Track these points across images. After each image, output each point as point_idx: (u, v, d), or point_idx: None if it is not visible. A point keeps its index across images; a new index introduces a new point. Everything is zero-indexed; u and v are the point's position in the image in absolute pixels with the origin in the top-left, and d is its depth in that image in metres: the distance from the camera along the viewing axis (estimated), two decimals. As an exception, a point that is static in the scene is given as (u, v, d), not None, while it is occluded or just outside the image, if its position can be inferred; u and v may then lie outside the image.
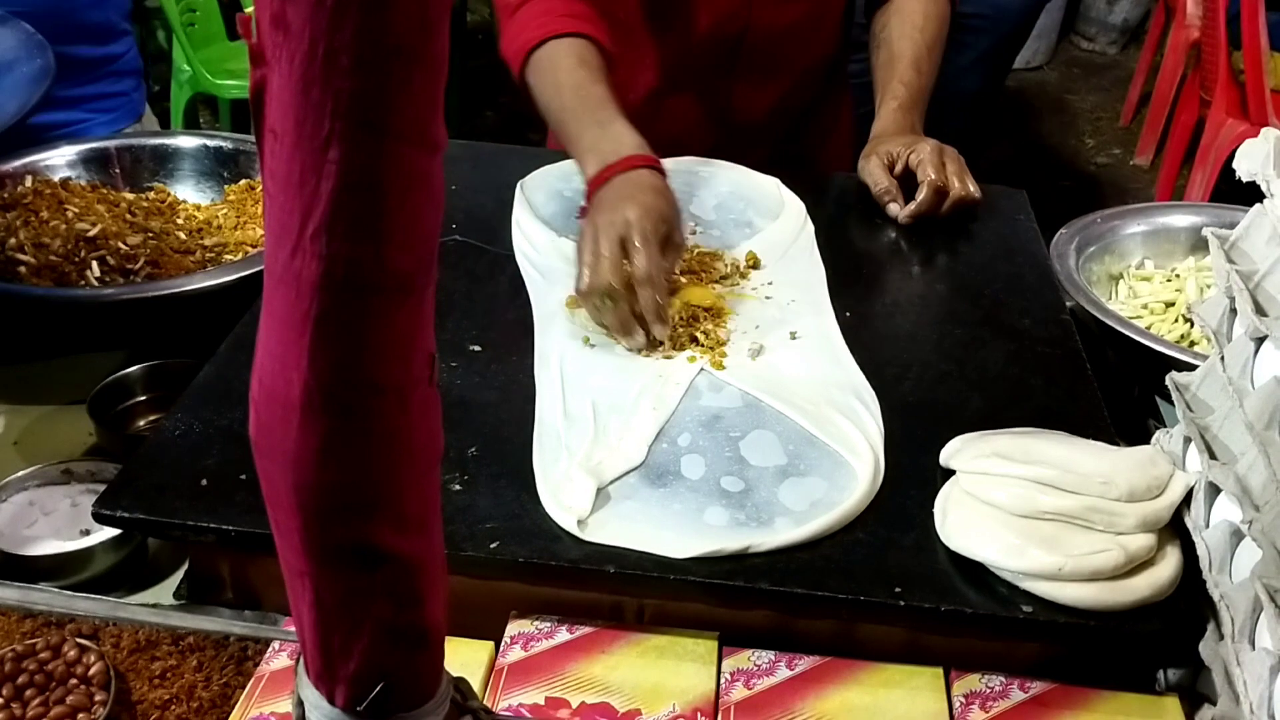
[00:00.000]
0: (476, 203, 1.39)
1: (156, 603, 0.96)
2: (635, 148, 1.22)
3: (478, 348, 1.12)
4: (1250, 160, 0.83)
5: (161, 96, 3.77)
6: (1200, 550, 0.86)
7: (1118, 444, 1.00)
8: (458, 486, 0.94)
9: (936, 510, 0.93)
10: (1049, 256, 1.31)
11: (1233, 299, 0.86)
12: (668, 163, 1.46)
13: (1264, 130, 0.83)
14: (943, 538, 0.91)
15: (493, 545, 0.89)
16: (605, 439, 1.00)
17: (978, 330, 1.19)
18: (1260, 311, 0.80)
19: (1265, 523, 0.77)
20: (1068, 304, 1.26)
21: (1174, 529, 0.90)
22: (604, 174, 1.18)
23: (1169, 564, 0.88)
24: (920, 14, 1.49)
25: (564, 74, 1.30)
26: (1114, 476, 0.88)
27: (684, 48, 1.49)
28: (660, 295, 1.10)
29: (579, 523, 0.90)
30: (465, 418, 1.02)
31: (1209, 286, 1.30)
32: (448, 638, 0.90)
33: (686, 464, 0.98)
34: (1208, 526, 0.87)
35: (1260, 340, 0.81)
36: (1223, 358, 0.85)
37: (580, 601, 0.91)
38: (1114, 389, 1.18)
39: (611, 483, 0.95)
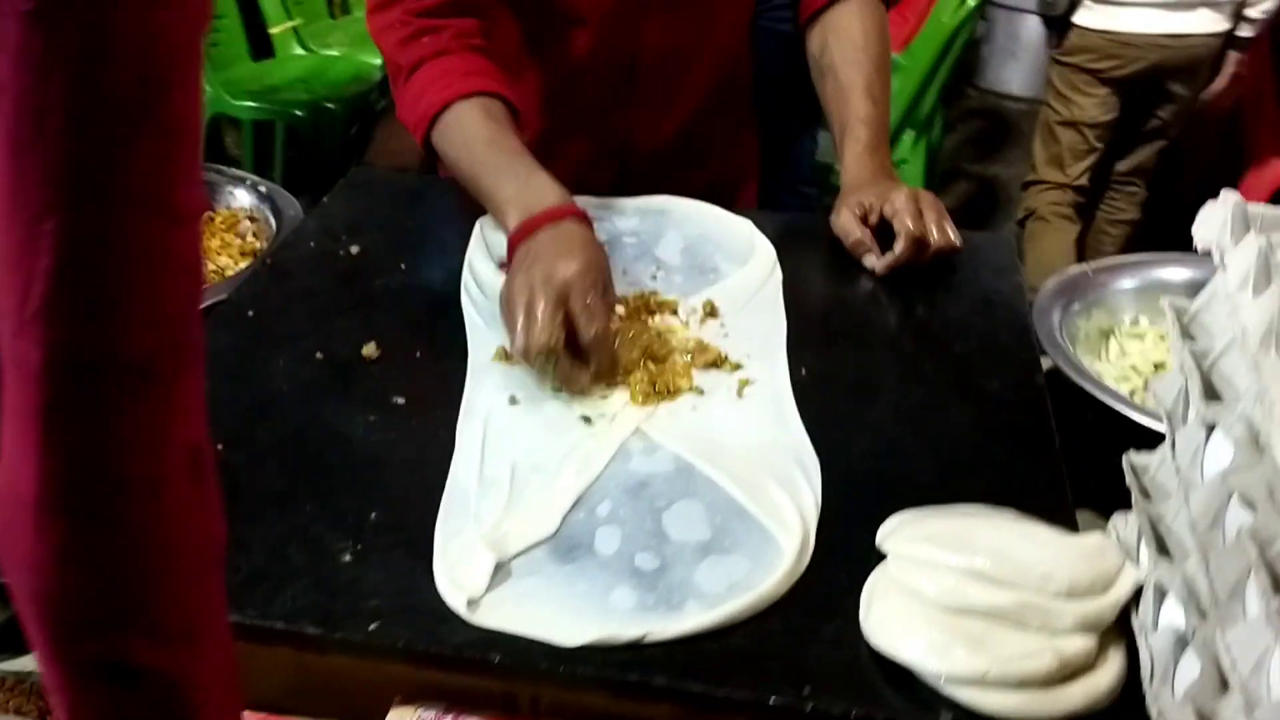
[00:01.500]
0: (431, 240, 1.33)
1: None
2: (560, 199, 1.15)
3: (401, 399, 1.06)
4: (1207, 228, 0.74)
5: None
6: (1143, 657, 0.78)
7: (1076, 525, 0.93)
8: (348, 557, 0.88)
9: (863, 598, 0.85)
10: (1029, 312, 1.23)
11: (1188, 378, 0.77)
12: (650, 199, 1.41)
13: (1223, 194, 0.75)
14: (865, 631, 0.83)
15: (372, 627, 0.82)
16: (519, 506, 0.94)
17: (941, 392, 1.10)
18: (1213, 395, 0.72)
19: (1206, 635, 0.68)
20: (1047, 365, 1.17)
21: (1120, 631, 0.82)
22: (529, 225, 1.12)
23: (1109, 671, 0.79)
24: (859, 30, 1.42)
25: (473, 129, 1.24)
26: (1054, 569, 0.80)
27: (574, 81, 1.42)
28: (611, 356, 1.04)
29: (469, 603, 0.84)
30: (372, 479, 0.96)
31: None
32: (323, 723, 0.85)
33: (602, 537, 0.91)
34: (1155, 630, 0.79)
35: (1211, 428, 0.73)
36: (1174, 444, 0.76)
37: (471, 689, 0.84)
38: (1093, 458, 1.09)
39: (516, 557, 0.89)
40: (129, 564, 0.49)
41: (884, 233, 1.30)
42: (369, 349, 1.11)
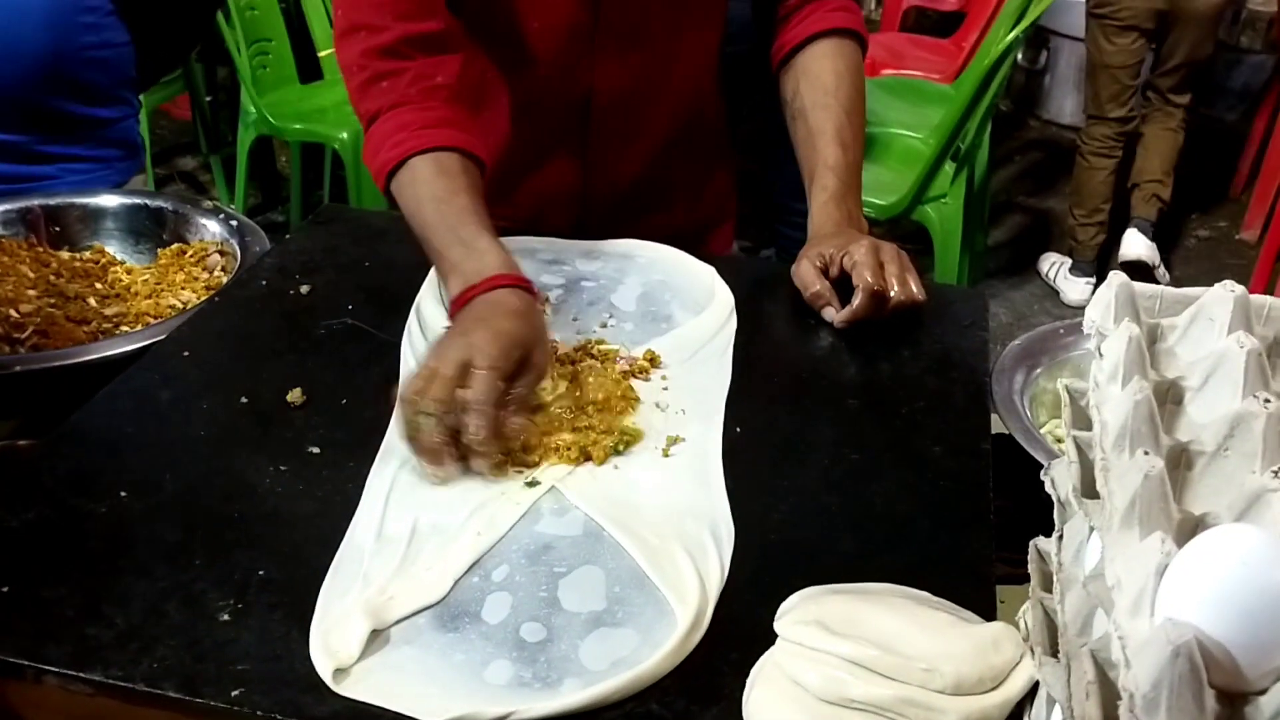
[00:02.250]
0: (385, 282, 1.31)
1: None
2: (499, 267, 1.12)
3: (316, 449, 1.04)
4: (1095, 309, 0.69)
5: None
6: (1029, 763, 0.72)
7: (994, 605, 0.88)
8: (226, 617, 0.86)
9: (748, 683, 0.81)
10: (989, 372, 1.18)
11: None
12: (616, 243, 1.39)
13: (1112, 274, 0.70)
14: (745, 718, 0.79)
15: (235, 693, 0.80)
16: (411, 568, 0.91)
17: (878, 456, 1.06)
18: (1090, 492, 0.67)
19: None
20: (1002, 429, 1.12)
21: (1014, 729, 0.77)
22: (465, 294, 1.10)
23: (995, 775, 0.74)
24: (830, 73, 1.37)
25: (425, 188, 1.20)
26: (940, 663, 0.75)
27: (531, 117, 1.40)
28: (487, 427, 0.99)
29: (336, 672, 0.81)
30: (268, 533, 0.94)
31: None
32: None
33: (490, 604, 0.88)
34: (1046, 732, 0.74)
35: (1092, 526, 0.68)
36: (1061, 536, 0.71)
37: (341, 758, 0.81)
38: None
39: (397, 623, 0.86)
40: None
41: (848, 285, 1.26)
42: (294, 395, 1.09)
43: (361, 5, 1.28)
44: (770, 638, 0.83)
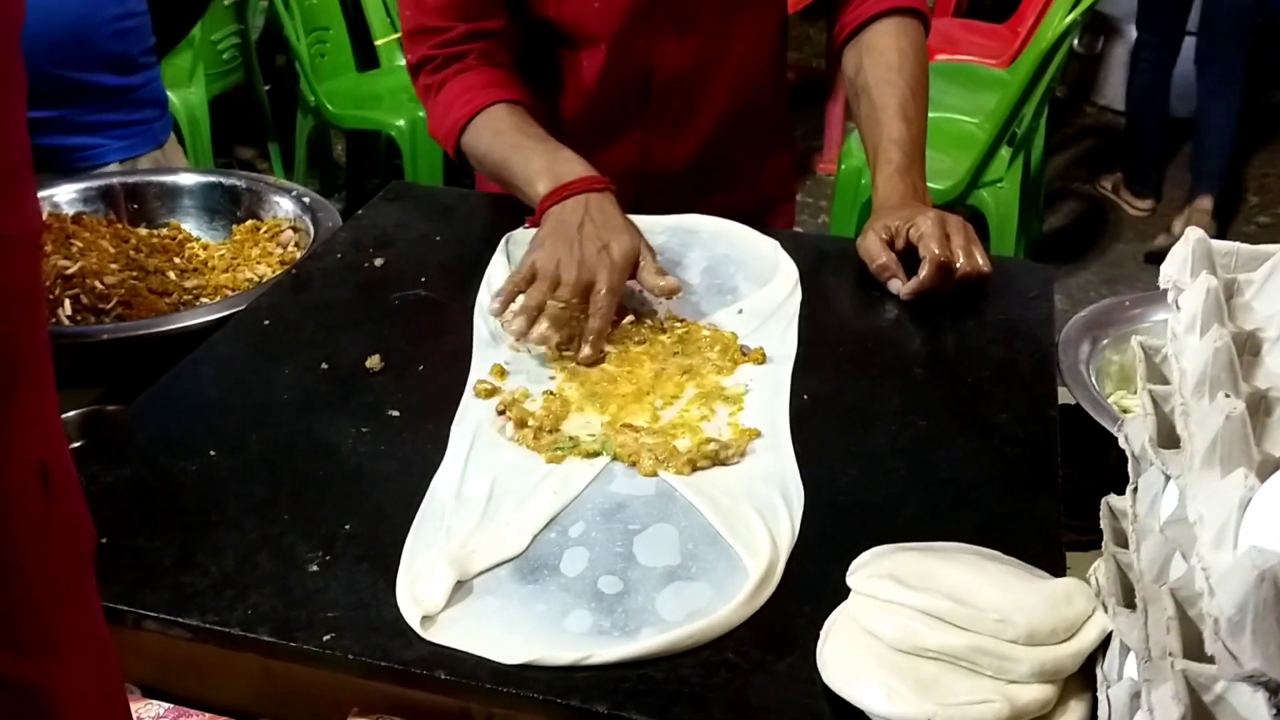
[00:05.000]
0: (457, 255, 1.34)
1: None
2: (589, 170, 1.22)
3: (396, 413, 1.07)
4: (1172, 264, 0.71)
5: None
6: (1101, 711, 0.74)
7: (1064, 568, 0.89)
8: (315, 568, 0.89)
9: (821, 634, 0.83)
10: (1054, 343, 1.19)
11: (1158, 421, 0.74)
12: (680, 218, 1.41)
13: (1189, 230, 0.71)
14: (819, 667, 0.81)
15: (326, 637, 0.83)
16: (491, 524, 0.94)
17: (944, 423, 1.07)
18: (1166, 443, 0.68)
19: (1146, 693, 0.65)
20: (1068, 399, 1.13)
21: (1086, 681, 0.78)
22: (560, 191, 1.19)
23: (1067, 723, 0.76)
24: (894, 49, 1.39)
25: (503, 123, 1.31)
26: (1012, 614, 0.77)
27: (589, 100, 1.43)
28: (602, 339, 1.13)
29: (424, 619, 0.84)
30: (352, 491, 0.97)
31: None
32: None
33: (569, 558, 0.91)
34: (1118, 682, 0.75)
35: (1168, 475, 0.69)
36: (1136, 489, 0.73)
37: (427, 704, 0.84)
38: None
39: (479, 575, 0.89)
40: None
41: (912, 261, 1.27)
42: (373, 361, 1.13)
43: (426, 8, 1.38)
44: (842, 595, 0.85)
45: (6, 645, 0.51)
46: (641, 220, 1.40)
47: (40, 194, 1.49)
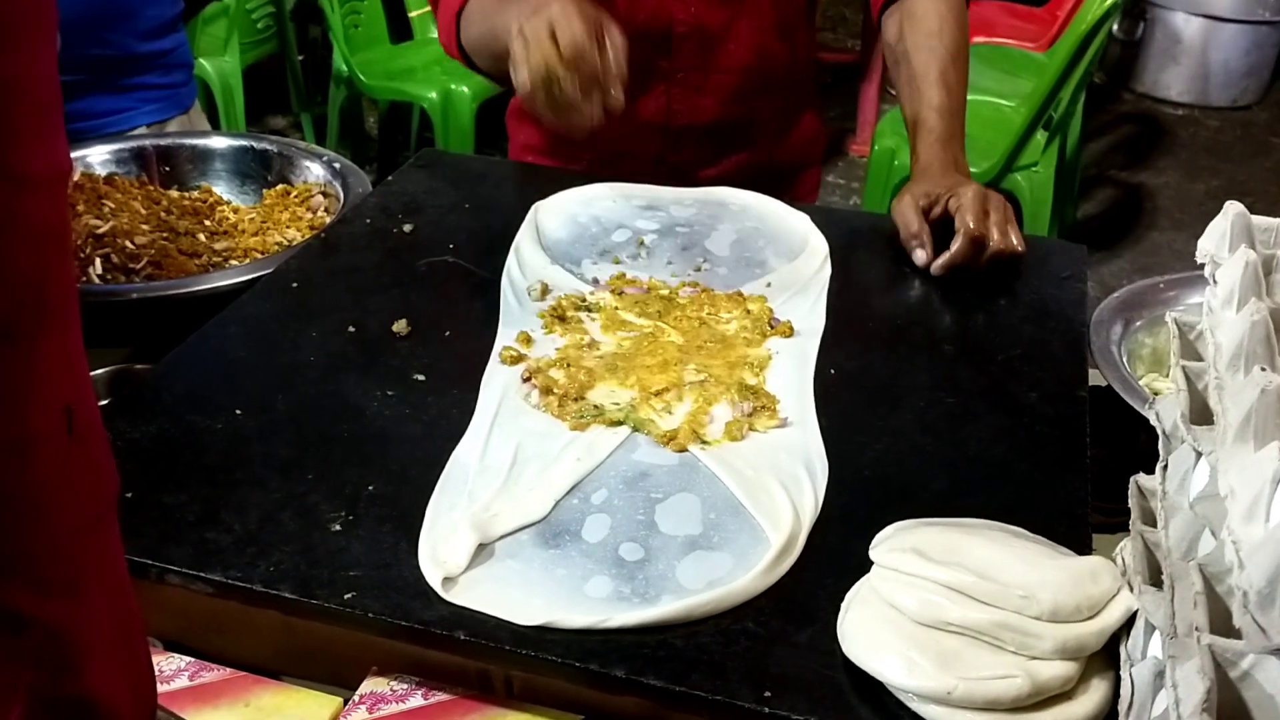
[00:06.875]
0: (486, 223, 1.34)
1: None
2: None
3: (421, 377, 1.07)
4: (1209, 239, 0.69)
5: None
6: (1123, 689, 0.73)
7: (1089, 547, 0.88)
8: (338, 527, 0.89)
9: (843, 605, 0.83)
10: (1086, 323, 1.17)
11: (1190, 398, 0.73)
12: (709, 190, 1.40)
13: (1228, 205, 0.70)
14: (839, 638, 0.81)
15: (347, 596, 0.83)
16: (514, 489, 0.94)
17: (973, 401, 1.06)
18: (1199, 419, 0.67)
19: (1170, 671, 0.64)
20: (1099, 381, 1.12)
21: (1109, 660, 0.77)
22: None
23: (1089, 700, 0.75)
24: (935, 15, 1.38)
25: (489, 2, 1.33)
26: (1037, 590, 0.76)
27: None
28: (602, 59, 1.15)
29: (445, 580, 0.84)
30: (377, 452, 0.97)
31: None
32: (295, 686, 0.86)
33: (590, 524, 0.91)
34: (1141, 661, 0.74)
35: (1199, 452, 0.68)
36: (1165, 467, 0.72)
37: (446, 665, 0.84)
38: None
39: (501, 539, 0.89)
40: (3, 520, 0.50)
41: (943, 235, 1.26)
42: (400, 325, 1.13)
43: None
44: (865, 568, 0.85)
45: (29, 584, 0.52)
46: (670, 192, 1.40)
47: (74, 154, 1.50)
